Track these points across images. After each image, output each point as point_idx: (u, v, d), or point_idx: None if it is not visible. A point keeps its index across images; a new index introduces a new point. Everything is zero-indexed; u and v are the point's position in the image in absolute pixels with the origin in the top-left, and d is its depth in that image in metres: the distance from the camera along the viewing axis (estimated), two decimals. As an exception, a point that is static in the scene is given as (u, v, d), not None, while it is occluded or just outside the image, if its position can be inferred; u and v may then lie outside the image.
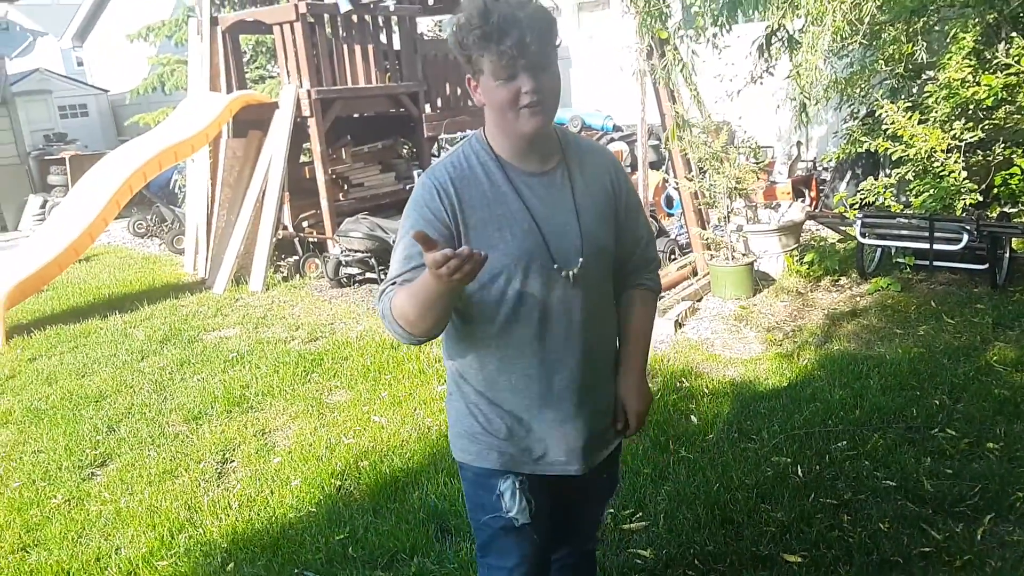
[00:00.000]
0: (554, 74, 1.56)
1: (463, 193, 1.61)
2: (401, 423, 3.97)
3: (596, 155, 1.77)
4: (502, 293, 1.63)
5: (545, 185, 1.66)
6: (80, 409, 4.52)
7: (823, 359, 4.32)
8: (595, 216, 1.69)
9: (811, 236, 6.84)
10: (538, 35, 1.50)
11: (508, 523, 1.75)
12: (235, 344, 5.47)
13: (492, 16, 1.47)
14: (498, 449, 1.73)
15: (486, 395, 1.72)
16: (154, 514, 3.31)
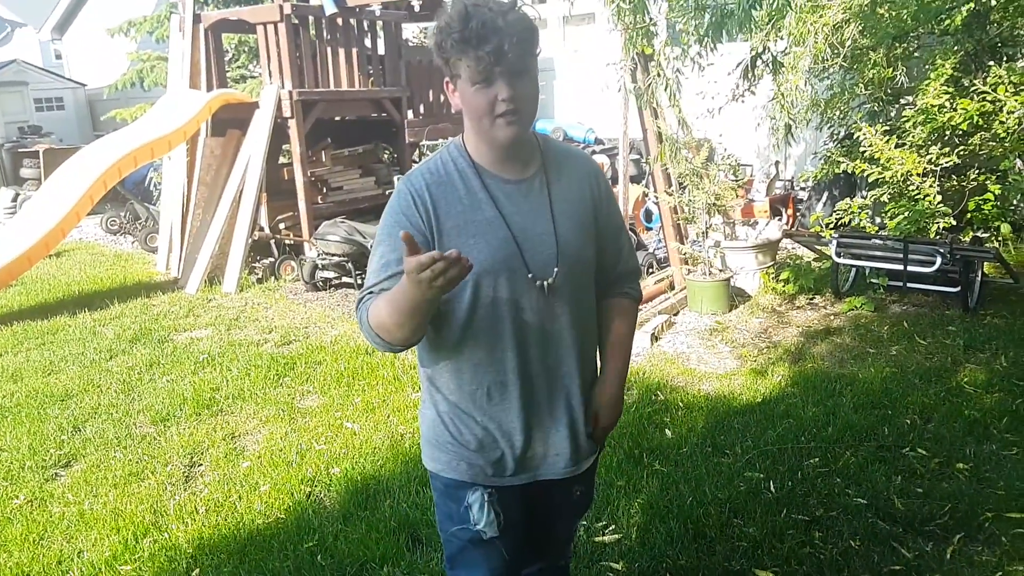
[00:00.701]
0: (532, 82, 1.54)
1: (439, 199, 1.60)
2: (374, 430, 3.93)
3: (576, 162, 1.73)
4: (475, 301, 1.60)
5: (522, 193, 1.63)
6: (45, 408, 4.42)
7: (797, 376, 4.34)
8: (573, 225, 1.66)
9: (787, 254, 6.91)
10: (517, 42, 1.47)
11: (476, 536, 1.73)
12: (206, 345, 5.39)
13: (472, 21, 1.46)
14: (467, 460, 1.71)
15: (458, 405, 1.69)
16: (118, 517, 3.24)
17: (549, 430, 1.72)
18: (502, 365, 1.65)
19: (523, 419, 1.68)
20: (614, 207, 1.79)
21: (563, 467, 1.75)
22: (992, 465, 3.28)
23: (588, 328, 1.76)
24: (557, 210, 1.64)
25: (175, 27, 7.97)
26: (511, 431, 1.69)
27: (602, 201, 1.74)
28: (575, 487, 1.84)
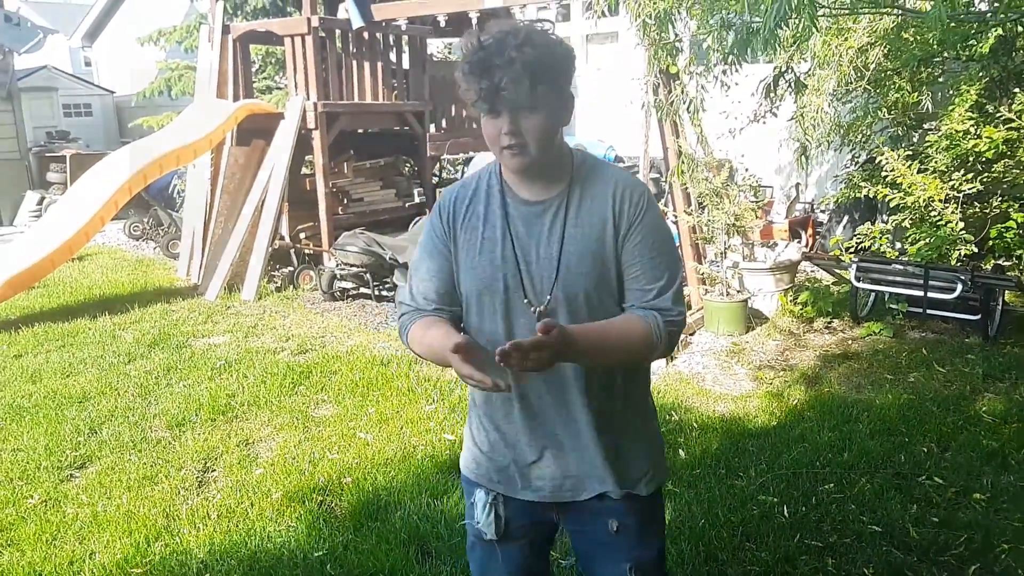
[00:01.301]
0: (542, 115, 1.50)
1: (460, 213, 1.66)
2: (387, 441, 3.94)
3: (603, 184, 1.62)
4: (480, 316, 1.65)
5: (536, 215, 1.61)
6: (63, 409, 4.47)
7: (813, 400, 4.31)
8: (579, 250, 1.59)
9: (806, 277, 6.87)
10: (520, 77, 1.45)
11: (479, 533, 1.78)
12: (224, 352, 5.43)
13: (478, 53, 1.47)
14: (477, 461, 1.76)
15: (481, 410, 1.75)
16: (131, 520, 3.26)
17: (560, 453, 1.68)
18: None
19: (529, 437, 1.68)
20: (646, 232, 1.60)
21: (577, 493, 1.70)
22: (1010, 496, 3.23)
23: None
24: (567, 234, 1.59)
25: (204, 37, 8.09)
26: (516, 445, 1.70)
27: (623, 226, 1.59)
28: (609, 520, 1.71)
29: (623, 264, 1.60)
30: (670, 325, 1.58)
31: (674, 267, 1.63)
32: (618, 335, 1.57)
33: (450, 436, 3.96)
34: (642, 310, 1.59)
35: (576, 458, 1.68)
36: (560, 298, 1.59)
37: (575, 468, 1.68)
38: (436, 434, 3.99)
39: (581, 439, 1.67)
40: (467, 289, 1.66)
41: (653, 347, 1.57)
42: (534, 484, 1.71)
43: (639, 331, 1.56)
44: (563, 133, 1.63)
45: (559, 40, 1.54)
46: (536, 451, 1.69)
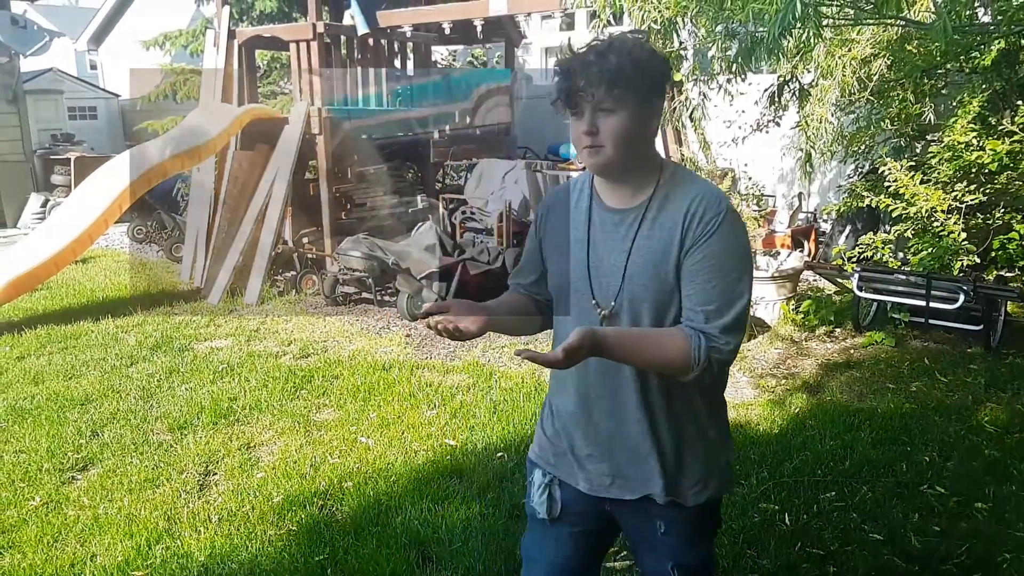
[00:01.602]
0: (620, 118, 1.56)
1: (551, 214, 1.80)
2: (388, 446, 3.94)
3: (683, 196, 1.62)
4: (559, 311, 1.79)
5: (615, 223, 1.67)
6: (65, 411, 4.47)
7: (815, 409, 4.31)
8: (645, 262, 1.62)
9: (808, 286, 6.87)
10: (605, 81, 1.52)
11: (533, 512, 1.87)
12: (226, 355, 5.44)
13: (571, 57, 1.58)
14: (540, 443, 1.88)
15: (551, 394, 1.87)
16: (132, 523, 3.26)
17: (612, 451, 1.73)
18: (566, 377, 1.75)
19: (585, 430, 1.76)
20: (709, 253, 1.58)
21: (624, 492, 1.74)
22: (1012, 506, 3.23)
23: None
24: (636, 244, 1.63)
25: (210, 42, 8.13)
26: (574, 435, 1.78)
27: (690, 241, 1.59)
28: (656, 521, 1.76)
29: (682, 279, 1.61)
30: (714, 352, 1.56)
31: (732, 294, 1.58)
32: (654, 347, 1.60)
33: (451, 441, 3.96)
34: (691, 329, 1.58)
35: (627, 458, 1.73)
36: (624, 305, 1.65)
37: (625, 468, 1.74)
38: (437, 439, 3.99)
39: (633, 441, 1.72)
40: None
41: (689, 368, 1.57)
42: (587, 475, 1.78)
43: (678, 348, 1.57)
44: (654, 144, 1.68)
45: (650, 50, 1.59)
46: (590, 445, 1.76)
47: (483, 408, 4.35)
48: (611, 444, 1.73)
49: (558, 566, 1.87)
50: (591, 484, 1.77)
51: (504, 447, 3.87)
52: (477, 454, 3.81)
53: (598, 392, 1.72)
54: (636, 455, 1.72)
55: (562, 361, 1.50)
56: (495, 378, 4.85)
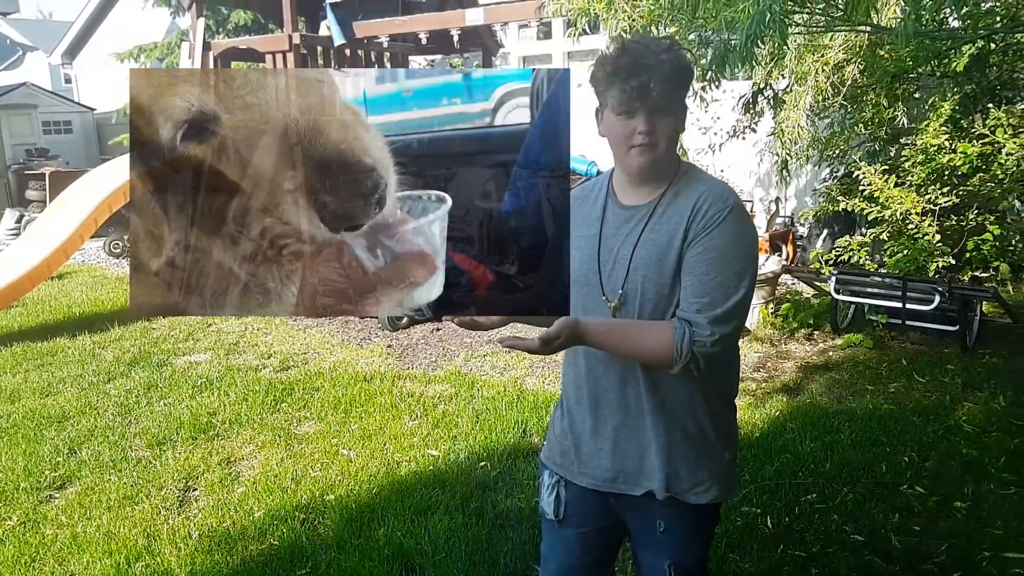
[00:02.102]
0: (673, 119, 1.63)
1: (571, 212, 1.81)
2: (370, 457, 3.92)
3: (690, 194, 1.67)
4: (574, 305, 1.75)
5: (627, 218, 1.72)
6: (42, 429, 4.41)
7: (794, 411, 4.34)
8: (650, 255, 1.67)
9: (786, 290, 6.93)
10: (663, 81, 1.57)
11: (543, 511, 1.92)
12: (205, 370, 5.39)
13: (625, 56, 1.60)
14: (549, 443, 1.93)
15: (564, 391, 1.90)
16: (112, 540, 3.22)
17: (619, 445, 1.76)
18: (577, 370, 1.81)
19: (593, 424, 1.79)
20: (710, 246, 1.62)
21: (630, 487, 1.77)
22: (990, 504, 3.26)
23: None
24: (643, 237, 1.68)
25: (185, 54, 8.09)
26: (582, 431, 1.81)
27: (692, 233, 1.63)
28: (657, 519, 1.78)
29: (682, 271, 1.64)
30: (698, 345, 1.58)
31: (728, 289, 1.60)
32: (638, 338, 1.66)
33: (434, 452, 3.95)
34: (678, 321, 1.62)
35: (633, 453, 1.76)
36: (628, 297, 1.69)
37: (631, 463, 1.76)
38: (420, 450, 3.98)
39: (640, 435, 1.74)
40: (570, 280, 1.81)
41: (672, 359, 1.60)
42: (591, 471, 1.81)
43: (663, 339, 1.61)
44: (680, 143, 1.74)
45: (686, 54, 1.66)
46: (598, 439, 1.79)
47: (465, 417, 4.34)
48: (615, 439, 1.77)
49: (569, 565, 1.92)
50: (595, 480, 1.81)
51: (487, 456, 3.86)
52: (460, 464, 3.80)
53: (604, 386, 1.76)
54: (638, 450, 1.75)
55: (539, 349, 1.59)
56: (477, 387, 4.84)
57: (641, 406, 1.73)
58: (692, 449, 1.74)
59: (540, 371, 5.12)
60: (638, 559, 1.91)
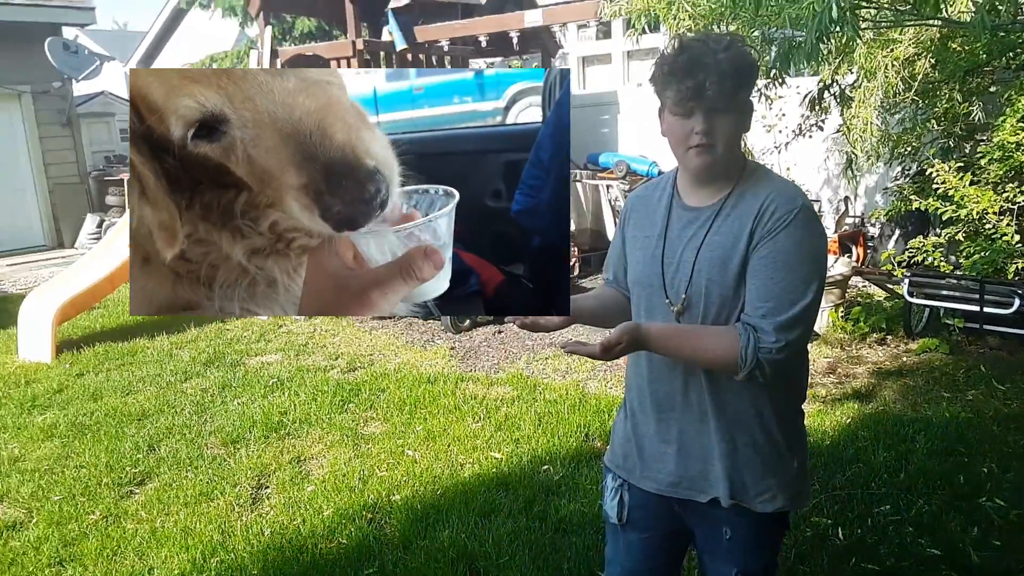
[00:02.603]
0: (734, 118, 1.60)
1: (633, 211, 1.85)
2: (434, 459, 3.97)
3: (756, 196, 1.64)
4: (636, 306, 1.81)
5: (692, 220, 1.70)
6: (123, 427, 4.60)
7: (866, 418, 4.23)
8: (714, 257, 1.64)
9: (857, 292, 6.75)
10: (724, 78, 1.54)
11: (606, 516, 1.93)
12: (276, 370, 5.54)
13: (681, 56, 1.57)
14: (612, 446, 1.93)
15: (627, 393, 1.89)
16: (188, 536, 3.34)
17: (683, 450, 1.75)
18: (640, 373, 1.80)
19: (656, 427, 1.78)
20: (776, 248, 1.59)
21: (694, 494, 1.75)
22: (1076, 519, 3.13)
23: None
24: (708, 240, 1.66)
25: (254, 62, 8.32)
26: (645, 434, 1.81)
27: (758, 236, 1.60)
28: (723, 527, 1.76)
29: (747, 275, 1.62)
30: (763, 351, 1.56)
31: (794, 294, 1.57)
32: (702, 343, 1.64)
33: (497, 455, 3.98)
34: (743, 326, 1.60)
35: (697, 458, 1.74)
36: (692, 300, 1.67)
37: (695, 468, 1.74)
38: (483, 452, 4.02)
39: (704, 440, 1.72)
40: (629, 281, 1.85)
41: (737, 366, 1.59)
42: (654, 475, 1.80)
43: (726, 345, 1.59)
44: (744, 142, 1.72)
45: (750, 51, 1.62)
46: (662, 443, 1.77)
47: (528, 420, 4.36)
48: (679, 443, 1.75)
49: (633, 570, 1.91)
50: (659, 485, 1.79)
51: (549, 460, 3.87)
52: (522, 467, 3.82)
53: (667, 390, 1.74)
54: (702, 456, 1.73)
55: (600, 355, 1.58)
56: (539, 390, 4.86)
57: (705, 411, 1.71)
58: (758, 456, 1.72)
59: (602, 375, 5.10)
60: (704, 567, 1.88)
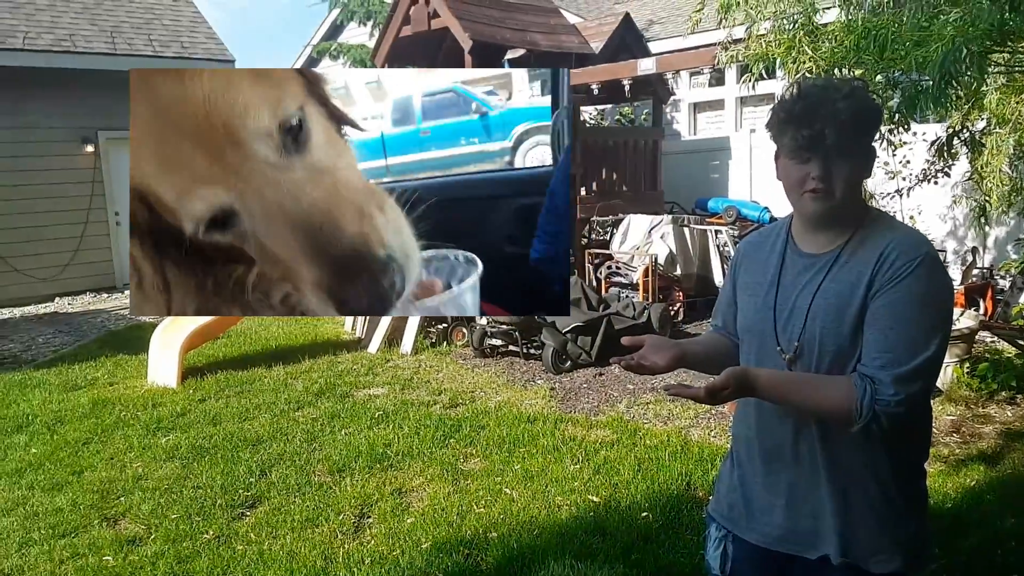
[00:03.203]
0: (853, 164, 1.57)
1: (746, 258, 1.83)
2: (532, 498, 3.97)
3: (876, 243, 1.58)
4: (747, 352, 1.77)
5: (807, 267, 1.66)
6: (239, 451, 4.83)
7: (993, 481, 3.93)
8: (830, 306, 1.59)
9: (984, 347, 6.33)
10: (843, 127, 1.52)
11: (708, 567, 1.87)
12: (382, 403, 5.70)
13: (799, 102, 1.56)
14: (717, 495, 1.87)
15: (734, 443, 1.85)
16: (293, 560, 3.46)
17: (793, 502, 1.68)
18: (748, 421, 1.76)
19: (764, 479, 1.72)
20: (896, 298, 1.52)
21: (804, 549, 1.68)
22: None
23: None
24: (822, 287, 1.61)
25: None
26: (753, 485, 1.75)
27: (877, 284, 1.54)
28: None
29: (865, 324, 1.55)
30: (880, 404, 1.50)
31: (916, 346, 1.50)
32: (813, 392, 1.59)
33: (595, 498, 3.94)
34: (860, 377, 1.53)
35: (807, 512, 1.67)
36: (804, 349, 1.62)
37: (804, 522, 1.67)
38: (580, 495, 3.98)
39: (815, 494, 1.66)
40: (739, 328, 1.81)
41: (851, 418, 1.52)
42: (760, 528, 1.73)
43: (840, 396, 1.53)
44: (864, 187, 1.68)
45: (872, 97, 1.61)
46: (770, 494, 1.72)
47: (627, 465, 4.30)
48: (788, 496, 1.68)
49: None
50: (765, 538, 1.73)
51: (648, 507, 3.80)
52: (620, 512, 3.76)
53: (777, 440, 1.69)
54: (813, 510, 1.66)
55: (705, 398, 1.55)
56: (639, 435, 4.78)
57: (816, 463, 1.64)
58: (873, 513, 1.63)
59: (705, 422, 4.98)
60: None
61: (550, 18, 10.11)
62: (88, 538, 3.74)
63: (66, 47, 10.67)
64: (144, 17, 12.00)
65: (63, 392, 6.29)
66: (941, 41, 2.87)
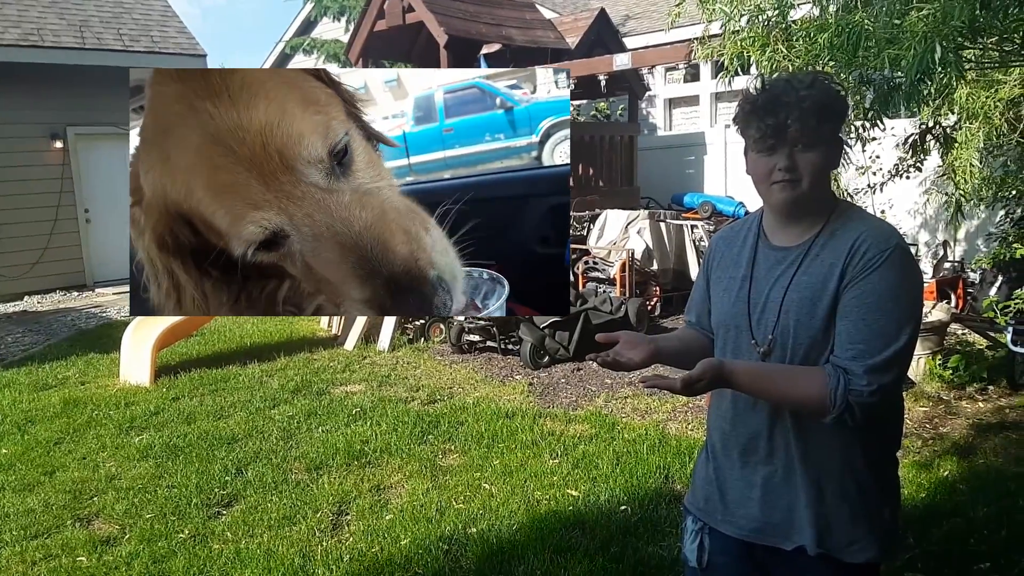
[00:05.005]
0: (820, 154, 1.58)
1: (718, 252, 1.84)
2: (511, 494, 3.97)
3: (847, 235, 1.59)
4: (721, 348, 1.78)
5: (779, 260, 1.67)
6: (214, 449, 4.78)
7: (965, 472, 4.00)
8: (802, 298, 1.60)
9: (956, 340, 6.43)
10: (807, 115, 1.53)
11: (685, 559, 1.88)
12: (359, 400, 5.67)
13: (763, 94, 1.58)
14: (693, 488, 1.88)
15: (709, 435, 1.86)
16: (271, 558, 3.43)
17: (768, 494, 1.70)
18: (723, 414, 1.77)
19: (740, 471, 1.73)
20: (867, 289, 1.54)
21: (780, 540, 1.69)
22: None
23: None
24: (796, 280, 1.63)
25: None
26: (728, 477, 1.76)
27: (849, 276, 1.56)
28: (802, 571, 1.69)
29: (837, 315, 1.57)
30: (853, 395, 1.51)
31: (887, 337, 1.52)
32: (787, 383, 1.60)
33: (574, 492, 3.95)
34: (833, 368, 1.55)
35: (782, 503, 1.68)
36: (778, 341, 1.64)
37: (779, 514, 1.68)
38: (560, 489, 3.99)
39: (790, 485, 1.67)
40: (714, 323, 1.82)
41: (825, 408, 1.54)
42: (736, 520, 1.74)
43: (815, 387, 1.55)
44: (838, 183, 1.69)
45: (838, 87, 1.61)
46: (745, 487, 1.73)
47: (606, 459, 4.32)
48: (764, 488, 1.70)
49: None
50: (742, 530, 1.74)
51: (627, 500, 3.81)
52: (599, 506, 3.78)
53: (751, 432, 1.70)
54: (788, 501, 1.67)
55: (681, 390, 1.56)
56: (618, 429, 4.80)
57: (791, 455, 1.66)
58: (846, 503, 1.65)
59: (682, 415, 5.01)
60: None
61: (525, 13, 10.11)
62: (61, 539, 3.68)
63: (34, 41, 10.47)
64: (113, 11, 11.80)
65: (34, 392, 6.19)
66: (914, 39, 2.89)
